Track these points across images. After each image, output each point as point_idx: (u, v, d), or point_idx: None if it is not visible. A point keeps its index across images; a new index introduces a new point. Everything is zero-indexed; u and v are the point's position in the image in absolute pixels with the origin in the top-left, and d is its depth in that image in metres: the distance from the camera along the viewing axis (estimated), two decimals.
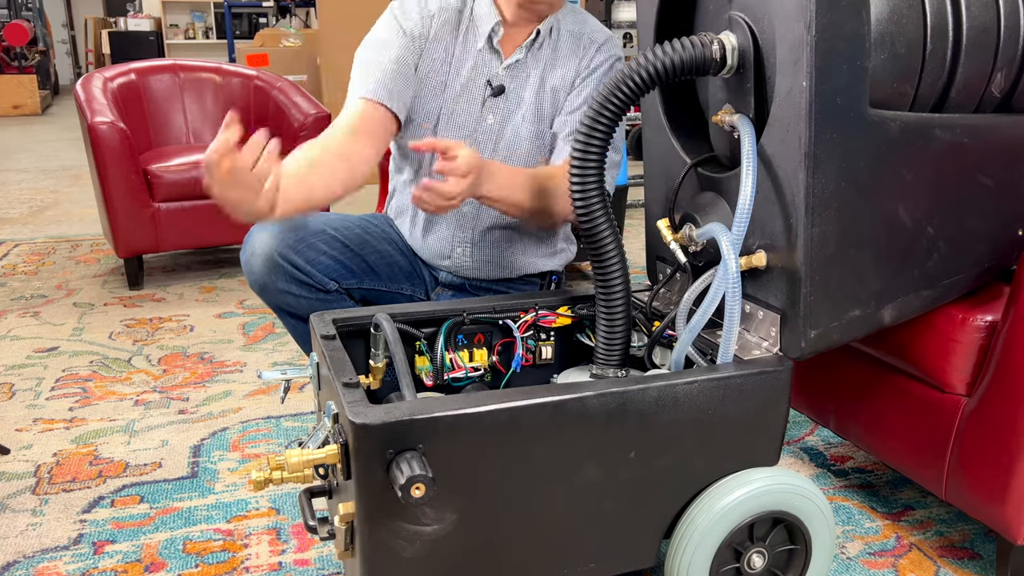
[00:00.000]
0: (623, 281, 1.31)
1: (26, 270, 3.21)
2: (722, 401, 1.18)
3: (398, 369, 1.23)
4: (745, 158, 1.18)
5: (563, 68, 1.60)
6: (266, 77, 3.35)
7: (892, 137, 1.18)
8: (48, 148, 6.31)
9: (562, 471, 1.14)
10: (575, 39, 1.61)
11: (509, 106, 1.60)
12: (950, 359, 1.34)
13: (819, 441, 1.90)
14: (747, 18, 1.21)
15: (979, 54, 1.24)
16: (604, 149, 1.27)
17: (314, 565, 1.46)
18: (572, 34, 1.61)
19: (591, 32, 1.62)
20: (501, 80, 1.58)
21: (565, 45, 1.61)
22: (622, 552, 1.22)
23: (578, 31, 1.62)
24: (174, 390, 2.15)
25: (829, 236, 1.17)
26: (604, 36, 1.63)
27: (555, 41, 1.61)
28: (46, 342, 2.48)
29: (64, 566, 1.45)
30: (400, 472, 1.00)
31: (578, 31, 1.62)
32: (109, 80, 3.10)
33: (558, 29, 1.61)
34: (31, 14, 9.15)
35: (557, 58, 1.60)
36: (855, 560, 1.48)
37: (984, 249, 1.35)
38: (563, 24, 1.61)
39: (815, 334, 1.21)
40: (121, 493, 1.68)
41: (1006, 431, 1.26)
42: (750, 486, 1.20)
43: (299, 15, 7.84)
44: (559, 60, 1.60)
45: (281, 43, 5.52)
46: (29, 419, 1.99)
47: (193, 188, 2.93)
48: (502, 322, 1.43)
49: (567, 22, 1.62)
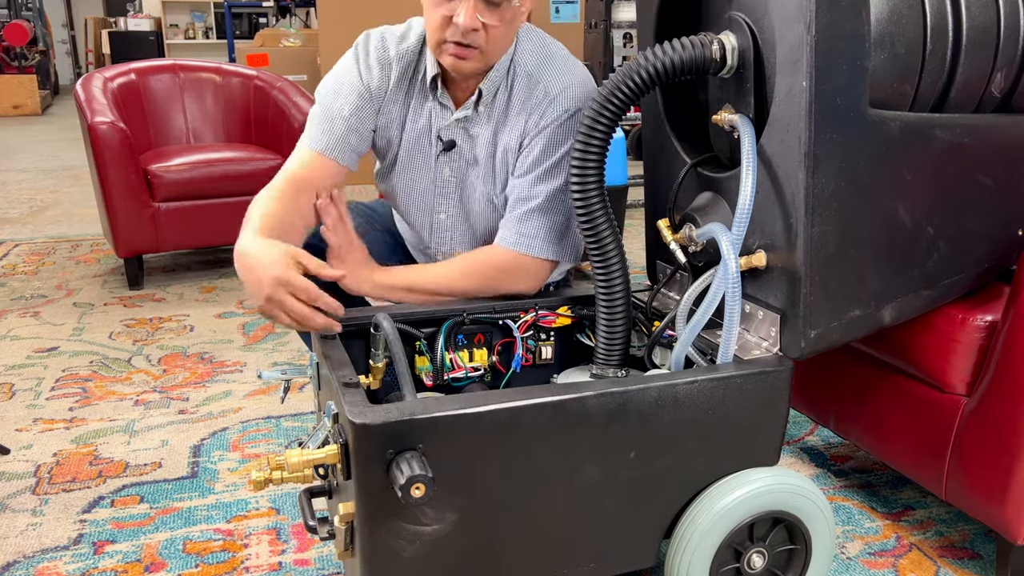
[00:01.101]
0: (623, 281, 1.32)
1: (26, 270, 3.21)
2: (722, 401, 1.18)
3: (398, 369, 1.23)
4: (745, 158, 1.18)
5: (514, 125, 1.45)
6: (266, 77, 3.35)
7: (892, 137, 1.18)
8: (48, 148, 6.31)
9: (562, 471, 1.14)
10: (530, 87, 1.43)
11: (463, 161, 1.49)
12: (950, 359, 1.34)
13: (819, 441, 1.90)
14: (747, 18, 1.21)
15: (979, 54, 1.24)
16: (604, 149, 1.27)
17: (314, 565, 1.46)
18: (529, 79, 1.43)
19: (548, 81, 1.43)
20: (451, 134, 1.47)
21: (519, 95, 1.44)
22: (622, 552, 1.22)
23: (536, 75, 1.43)
24: (174, 390, 2.15)
25: (829, 236, 1.17)
26: (561, 85, 1.42)
27: (510, 90, 1.44)
28: (46, 342, 2.48)
29: (64, 566, 1.45)
30: (400, 472, 1.00)
31: (536, 75, 1.43)
32: (109, 80, 3.10)
33: (515, 74, 1.44)
34: (31, 14, 9.14)
35: (509, 113, 1.45)
36: (855, 560, 1.48)
37: (984, 249, 1.35)
38: (521, 66, 1.44)
39: (815, 334, 1.21)
40: (121, 493, 1.68)
41: (1006, 431, 1.26)
42: (750, 486, 1.20)
43: (299, 15, 7.84)
44: (511, 115, 1.45)
45: (281, 43, 5.52)
46: (29, 419, 1.98)
47: (193, 188, 2.93)
48: (502, 322, 1.43)
49: (527, 62, 1.44)
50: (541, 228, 1.44)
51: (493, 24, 1.32)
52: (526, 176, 1.45)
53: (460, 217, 1.54)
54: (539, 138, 1.43)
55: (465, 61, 1.36)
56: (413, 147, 1.51)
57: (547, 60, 1.45)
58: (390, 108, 1.49)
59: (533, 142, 1.44)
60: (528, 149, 1.44)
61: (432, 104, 1.47)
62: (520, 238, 1.44)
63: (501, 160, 1.48)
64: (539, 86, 1.43)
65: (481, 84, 1.43)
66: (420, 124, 1.49)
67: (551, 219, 1.44)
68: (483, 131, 1.47)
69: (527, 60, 1.45)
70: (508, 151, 1.47)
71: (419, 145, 1.50)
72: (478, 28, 1.31)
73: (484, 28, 1.32)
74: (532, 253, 1.44)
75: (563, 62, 1.46)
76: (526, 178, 1.45)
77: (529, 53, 1.45)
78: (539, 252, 1.44)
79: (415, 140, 1.50)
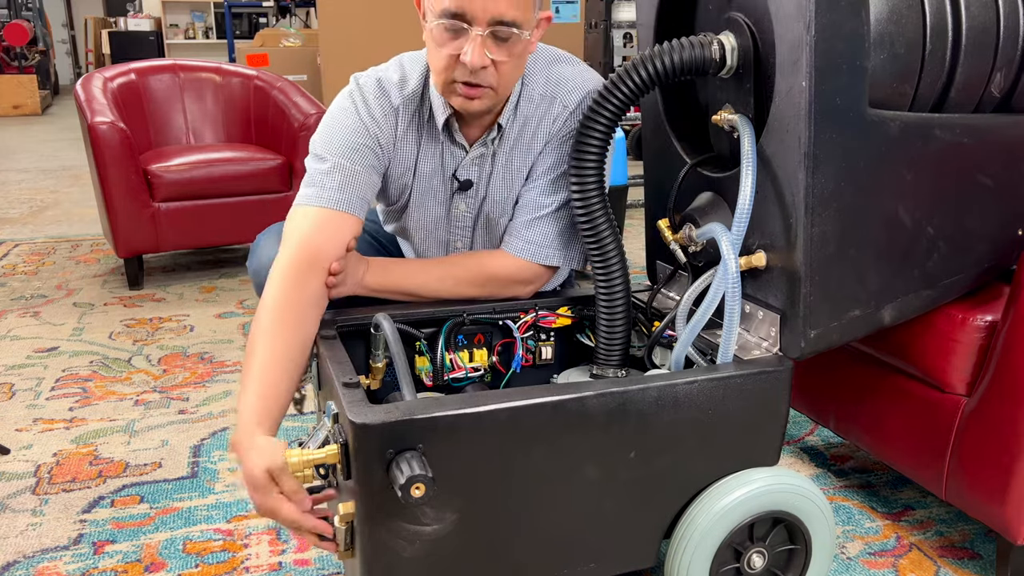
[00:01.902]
0: (623, 281, 1.32)
1: (26, 270, 3.21)
2: (722, 401, 1.18)
3: (398, 369, 1.23)
4: (745, 158, 1.18)
5: (533, 138, 1.40)
6: (266, 77, 3.35)
7: (892, 137, 1.18)
8: (48, 148, 6.31)
9: (562, 471, 1.14)
10: (547, 103, 1.39)
11: (479, 196, 1.45)
12: (950, 359, 1.34)
13: (819, 441, 1.90)
14: (747, 18, 1.21)
15: (979, 54, 1.24)
16: (603, 149, 1.27)
17: (314, 565, 1.46)
18: (544, 98, 1.39)
19: (565, 94, 1.38)
20: (467, 174, 1.42)
21: (535, 117, 1.39)
22: (622, 552, 1.22)
23: (550, 93, 1.39)
24: (174, 390, 2.15)
25: (829, 236, 1.17)
26: (578, 97, 1.38)
27: (523, 115, 1.39)
28: (46, 342, 2.48)
29: (64, 566, 1.45)
30: (400, 472, 1.00)
31: (550, 93, 1.39)
32: (109, 80, 3.10)
33: (525, 97, 1.39)
34: (31, 14, 9.15)
35: (523, 136, 1.40)
36: (855, 560, 1.48)
37: (984, 249, 1.35)
38: (530, 88, 1.39)
39: (815, 334, 1.21)
40: (121, 493, 1.68)
41: (1006, 431, 1.26)
42: (750, 486, 1.20)
43: (299, 15, 7.83)
44: (525, 138, 1.40)
45: (281, 43, 5.52)
46: (29, 419, 1.99)
47: (193, 188, 2.93)
48: (502, 322, 1.43)
49: (537, 83, 1.39)
50: (549, 235, 1.42)
51: (502, 60, 1.25)
52: (538, 182, 1.42)
53: (480, 244, 1.51)
54: (556, 146, 1.40)
55: (477, 101, 1.29)
56: (426, 188, 1.44)
57: (558, 75, 1.40)
58: (400, 155, 1.42)
59: (547, 149, 1.41)
60: (543, 157, 1.41)
61: (443, 144, 1.41)
62: (528, 245, 1.42)
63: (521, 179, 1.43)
64: (556, 99, 1.39)
65: (500, 119, 1.37)
66: (432, 165, 1.42)
67: (559, 226, 1.42)
68: (500, 159, 1.42)
69: (536, 80, 1.39)
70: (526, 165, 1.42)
71: (432, 185, 1.44)
72: (487, 65, 1.24)
73: (494, 65, 1.25)
74: (540, 261, 1.43)
75: (574, 71, 1.41)
76: (538, 184, 1.42)
77: (536, 72, 1.40)
78: (546, 260, 1.43)
79: (427, 181, 1.44)
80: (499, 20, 1.21)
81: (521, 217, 1.43)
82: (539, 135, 1.40)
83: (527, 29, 1.25)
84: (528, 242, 1.42)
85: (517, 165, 1.42)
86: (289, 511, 1.11)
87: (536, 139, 1.40)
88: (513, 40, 1.24)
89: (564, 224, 1.43)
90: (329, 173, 1.33)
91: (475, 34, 1.21)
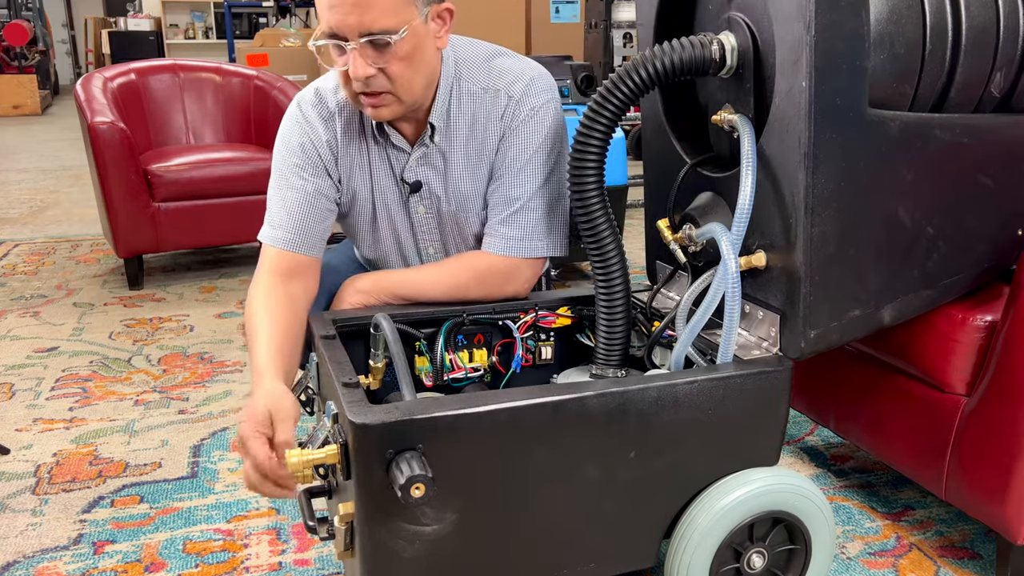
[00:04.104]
0: (623, 281, 1.31)
1: (26, 270, 3.21)
2: (722, 401, 1.18)
3: (398, 369, 1.23)
4: (745, 158, 1.18)
5: (485, 133, 1.41)
6: (266, 77, 3.35)
7: (892, 137, 1.18)
8: (48, 148, 6.31)
9: (562, 471, 1.14)
10: (492, 96, 1.40)
11: (434, 196, 1.45)
12: (950, 359, 1.34)
13: (819, 441, 1.90)
14: (747, 18, 1.21)
15: (978, 54, 1.24)
16: (603, 149, 1.27)
17: (314, 565, 1.46)
18: (487, 91, 1.40)
19: (508, 85, 1.39)
20: (415, 175, 1.43)
21: (483, 109, 1.40)
22: (622, 552, 1.22)
23: (493, 86, 1.40)
24: (174, 390, 2.15)
25: (829, 236, 1.17)
26: (523, 85, 1.39)
27: (469, 111, 1.40)
28: (46, 342, 2.48)
29: (64, 566, 1.45)
30: (400, 472, 1.00)
31: (493, 86, 1.40)
32: (109, 80, 3.10)
33: (467, 92, 1.40)
34: (31, 14, 9.15)
35: (476, 128, 1.41)
36: (855, 560, 1.48)
37: (984, 249, 1.35)
38: (469, 84, 1.40)
39: (815, 334, 1.21)
40: (121, 493, 1.68)
41: (1006, 431, 1.26)
42: (750, 486, 1.20)
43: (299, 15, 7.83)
44: (478, 128, 1.41)
45: (281, 43, 5.52)
46: (29, 419, 1.99)
47: (193, 188, 2.93)
48: (502, 323, 1.43)
49: (477, 79, 1.40)
50: (527, 227, 1.42)
51: (388, 65, 1.27)
52: (504, 178, 1.42)
53: (455, 249, 1.51)
54: (511, 139, 1.40)
55: (384, 108, 1.32)
56: (380, 191, 1.46)
57: (499, 68, 1.42)
58: (348, 159, 1.44)
59: (505, 144, 1.41)
60: (502, 152, 1.41)
61: (387, 148, 1.43)
62: (508, 242, 1.42)
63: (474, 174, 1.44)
64: (500, 91, 1.40)
65: (431, 118, 1.38)
66: (382, 168, 1.44)
67: (534, 216, 1.42)
68: (448, 156, 1.42)
69: (476, 75, 1.41)
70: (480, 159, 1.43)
71: (385, 187, 1.46)
72: (373, 74, 1.26)
73: (383, 72, 1.27)
74: (523, 255, 1.43)
75: (514, 63, 1.43)
76: (504, 180, 1.42)
77: (475, 68, 1.41)
78: (529, 252, 1.43)
79: (381, 183, 1.45)
80: (367, 32, 1.23)
81: (496, 216, 1.43)
82: (491, 130, 1.41)
83: (404, 30, 1.25)
84: (508, 239, 1.42)
85: (472, 162, 1.43)
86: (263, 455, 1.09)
87: (489, 134, 1.41)
88: (396, 45, 1.25)
89: (540, 212, 1.43)
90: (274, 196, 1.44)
91: (351, 48, 1.25)
